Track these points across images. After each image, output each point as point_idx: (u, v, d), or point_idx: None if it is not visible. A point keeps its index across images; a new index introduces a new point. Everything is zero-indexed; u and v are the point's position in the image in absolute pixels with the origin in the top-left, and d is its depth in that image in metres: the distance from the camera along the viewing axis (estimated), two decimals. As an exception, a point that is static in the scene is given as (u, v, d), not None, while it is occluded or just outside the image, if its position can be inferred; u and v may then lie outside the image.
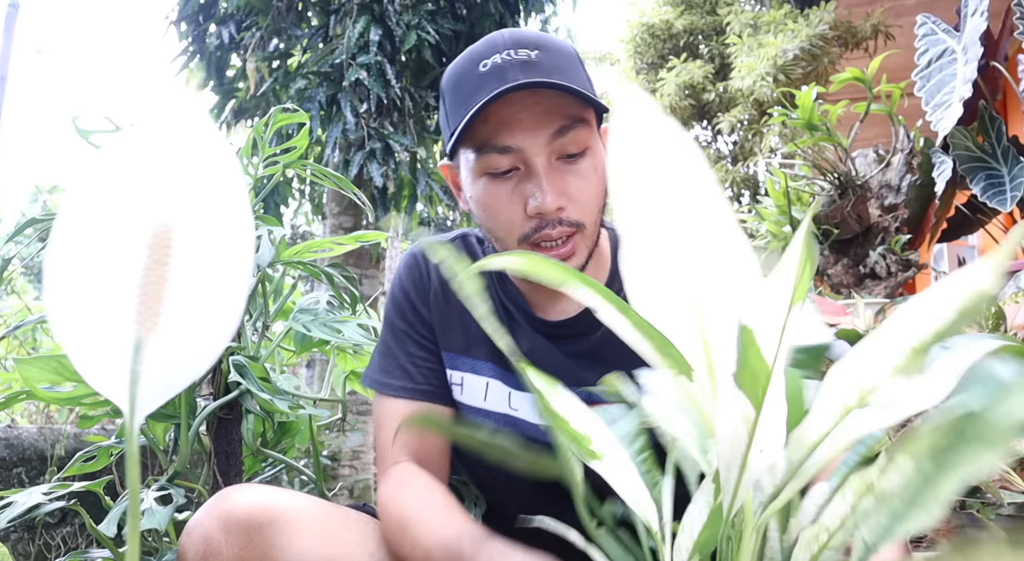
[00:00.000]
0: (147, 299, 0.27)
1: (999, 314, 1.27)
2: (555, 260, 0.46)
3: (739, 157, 4.82)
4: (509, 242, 0.83)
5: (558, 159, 0.80)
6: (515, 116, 0.78)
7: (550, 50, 0.80)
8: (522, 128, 0.78)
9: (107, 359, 0.28)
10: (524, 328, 0.91)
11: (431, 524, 0.75)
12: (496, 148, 0.79)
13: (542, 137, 0.78)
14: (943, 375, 0.38)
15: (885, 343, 0.39)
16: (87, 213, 0.28)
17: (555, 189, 0.78)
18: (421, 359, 0.92)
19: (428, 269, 0.95)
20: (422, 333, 0.93)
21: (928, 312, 0.37)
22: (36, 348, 2.22)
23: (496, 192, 0.81)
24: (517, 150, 0.78)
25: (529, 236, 0.80)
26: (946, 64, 2.27)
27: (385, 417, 0.92)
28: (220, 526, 0.73)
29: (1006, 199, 1.98)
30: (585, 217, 0.81)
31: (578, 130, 0.79)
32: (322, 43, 3.83)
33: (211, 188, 0.29)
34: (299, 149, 1.23)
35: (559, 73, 0.78)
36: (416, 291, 0.95)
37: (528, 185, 0.79)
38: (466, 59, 0.82)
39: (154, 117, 0.28)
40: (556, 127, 0.78)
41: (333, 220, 4.03)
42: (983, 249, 4.63)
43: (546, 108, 0.78)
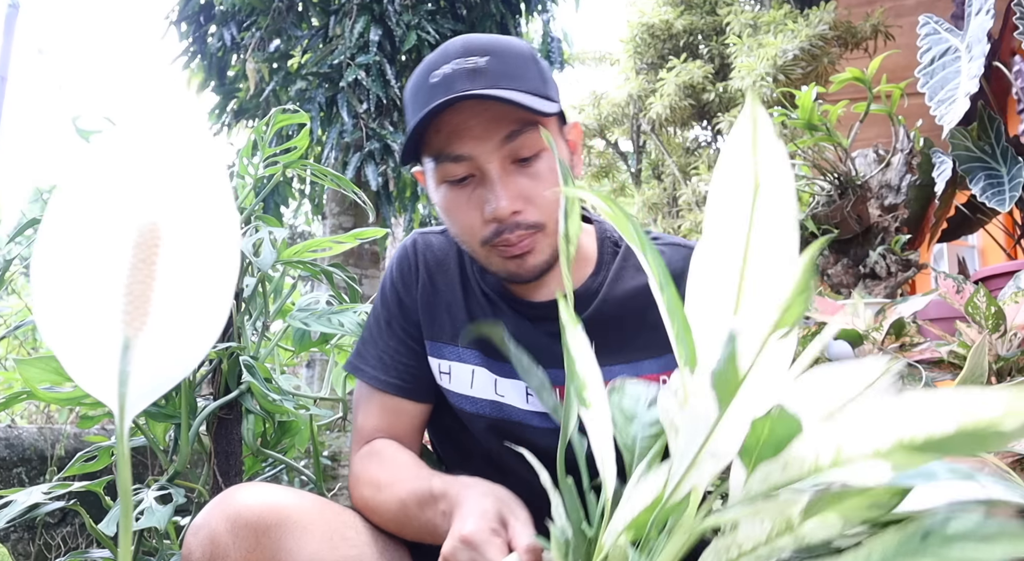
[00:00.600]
0: (134, 298, 0.27)
1: (999, 314, 1.27)
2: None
3: (740, 157, 4.81)
4: (472, 245, 0.86)
5: (512, 163, 0.82)
6: (465, 124, 0.80)
7: (501, 54, 0.82)
8: (472, 136, 0.80)
9: (96, 359, 0.28)
10: (507, 313, 0.93)
11: (403, 479, 0.80)
12: (450, 157, 0.81)
13: (492, 143, 0.80)
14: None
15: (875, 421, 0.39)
16: (73, 213, 0.28)
17: (509, 193, 0.81)
18: (397, 353, 0.95)
19: (417, 260, 0.98)
20: (403, 326, 0.96)
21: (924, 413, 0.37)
22: (36, 348, 2.22)
23: (455, 199, 0.84)
24: (469, 158, 0.81)
25: (490, 239, 0.83)
26: (949, 62, 2.27)
27: (359, 400, 0.96)
28: (228, 528, 0.72)
29: (1005, 199, 1.98)
30: (544, 217, 0.83)
31: (528, 134, 0.81)
32: (322, 43, 3.83)
33: (197, 187, 0.29)
34: (299, 149, 1.23)
35: (508, 78, 0.80)
36: (403, 282, 0.97)
37: (484, 191, 0.82)
38: (421, 69, 0.85)
39: (140, 117, 0.28)
40: (505, 133, 0.80)
41: (333, 220, 4.03)
42: (983, 249, 4.62)
43: (495, 114, 0.80)
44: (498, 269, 0.87)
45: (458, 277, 0.96)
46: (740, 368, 0.37)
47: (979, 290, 1.27)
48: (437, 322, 0.95)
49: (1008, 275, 1.75)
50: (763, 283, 0.42)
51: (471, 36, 0.84)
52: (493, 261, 0.86)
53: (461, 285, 0.96)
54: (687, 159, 5.25)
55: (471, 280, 0.96)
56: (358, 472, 0.88)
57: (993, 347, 1.27)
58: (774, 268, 0.42)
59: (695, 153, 5.30)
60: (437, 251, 0.98)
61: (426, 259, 0.97)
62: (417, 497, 0.77)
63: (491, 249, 0.84)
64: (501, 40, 0.84)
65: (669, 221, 5.19)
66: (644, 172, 6.23)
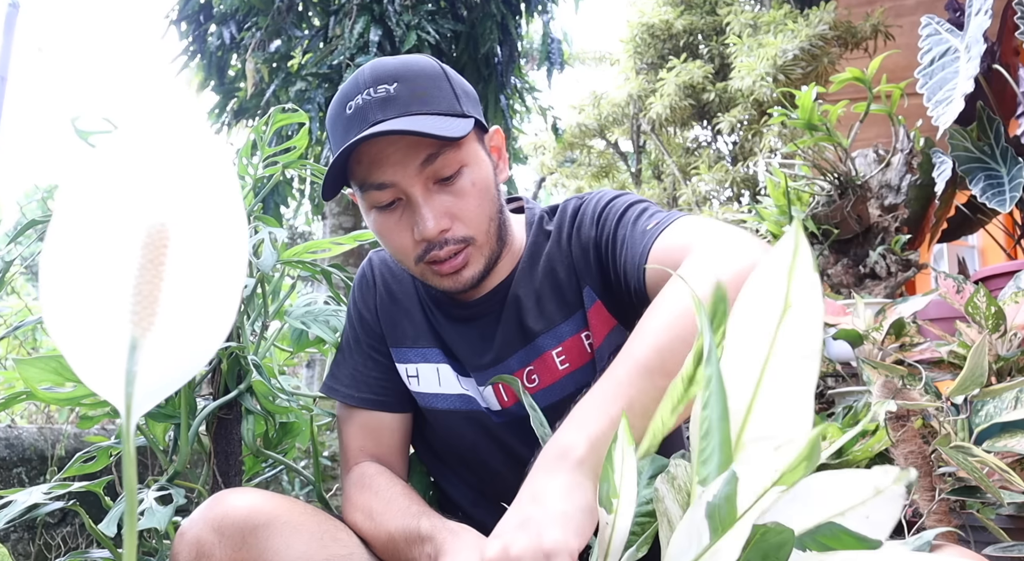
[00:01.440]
0: (142, 299, 0.27)
1: (999, 314, 1.27)
2: None
3: (739, 157, 4.82)
4: (408, 264, 0.89)
5: (434, 183, 0.84)
6: (383, 153, 0.83)
7: (410, 79, 0.84)
8: (391, 163, 0.82)
9: (103, 359, 0.28)
10: (443, 322, 0.97)
11: (393, 513, 0.82)
12: (373, 185, 0.84)
13: (412, 168, 0.82)
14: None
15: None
16: (82, 213, 0.28)
17: (434, 213, 0.83)
18: (366, 367, 0.99)
19: (374, 275, 1.03)
20: (368, 342, 1.01)
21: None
22: (36, 348, 2.22)
23: (385, 223, 0.87)
24: (392, 184, 0.83)
25: (422, 257, 0.86)
26: (949, 62, 2.28)
27: (340, 421, 1.01)
28: (213, 528, 0.73)
29: (1005, 200, 1.98)
30: (472, 230, 0.86)
31: (446, 154, 0.83)
32: (322, 44, 3.83)
33: (205, 187, 0.29)
34: (298, 149, 1.23)
35: (419, 103, 0.82)
36: (363, 299, 1.02)
37: (410, 214, 0.85)
38: (337, 100, 0.87)
39: (149, 117, 0.28)
40: (423, 157, 0.82)
41: (333, 220, 4.03)
42: (983, 249, 4.63)
43: (410, 141, 0.82)
44: (436, 285, 0.90)
45: (411, 285, 1.01)
46: (737, 508, 0.38)
47: (979, 290, 1.27)
48: (399, 328, 0.99)
49: (1008, 275, 1.75)
50: (774, 413, 0.43)
51: (379, 62, 0.86)
52: (429, 278, 0.89)
53: (415, 292, 1.00)
54: (687, 159, 5.26)
55: (419, 290, 1.01)
56: (350, 497, 0.90)
57: (993, 347, 1.27)
58: (788, 398, 0.43)
59: (695, 153, 5.31)
60: (391, 264, 1.03)
61: (382, 273, 1.02)
62: (405, 534, 0.79)
63: (425, 267, 0.87)
64: (409, 62, 0.86)
65: (668, 221, 5.18)
66: (644, 172, 6.23)
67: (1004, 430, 1.06)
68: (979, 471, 0.95)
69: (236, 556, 0.72)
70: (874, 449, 1.33)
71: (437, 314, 0.98)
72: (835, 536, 0.44)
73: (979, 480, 0.95)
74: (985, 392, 1.08)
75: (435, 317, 0.98)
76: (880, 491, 0.43)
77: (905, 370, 1.17)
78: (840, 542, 0.44)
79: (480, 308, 0.95)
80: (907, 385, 1.12)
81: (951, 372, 1.33)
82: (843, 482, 0.44)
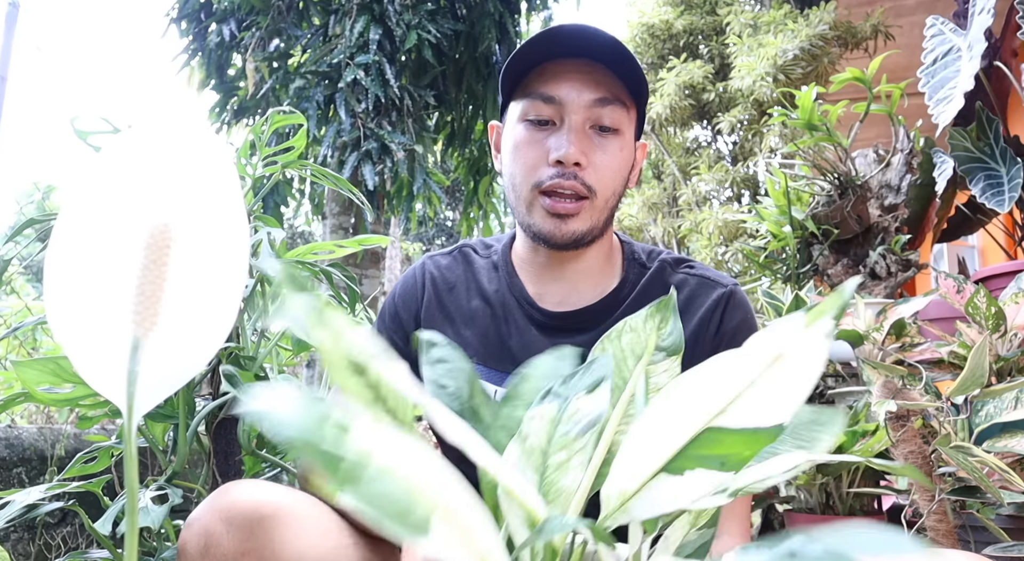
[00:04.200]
0: (145, 299, 0.27)
1: (999, 314, 1.27)
2: None
3: (739, 157, 4.82)
4: (523, 189, 0.89)
5: (591, 127, 0.87)
6: (567, 73, 0.86)
7: (614, 39, 0.87)
8: (569, 85, 0.86)
9: (105, 358, 0.28)
10: (519, 323, 0.94)
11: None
12: (542, 96, 0.87)
13: (584, 99, 0.86)
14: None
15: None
16: (86, 214, 0.28)
17: (580, 147, 0.86)
18: None
19: (425, 279, 1.01)
20: (391, 337, 1.00)
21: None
22: (36, 348, 2.22)
23: (528, 137, 0.88)
24: (559, 102, 0.86)
25: (543, 183, 0.87)
26: (951, 61, 2.28)
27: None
28: (221, 518, 0.73)
29: (1004, 200, 1.99)
30: (599, 187, 0.87)
31: (616, 108, 0.87)
32: (322, 42, 3.83)
33: (208, 189, 0.29)
34: (298, 149, 1.23)
35: (620, 56, 0.86)
36: (403, 300, 1.01)
37: (557, 137, 0.87)
38: (545, 28, 0.91)
39: (152, 119, 0.28)
40: (599, 96, 0.86)
41: (333, 220, 4.03)
42: (983, 249, 4.63)
43: (597, 78, 0.86)
44: (536, 223, 0.89)
45: (465, 289, 0.99)
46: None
47: (979, 290, 1.27)
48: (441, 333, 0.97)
49: (1008, 275, 1.75)
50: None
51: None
52: (535, 213, 0.89)
53: (467, 297, 0.98)
54: (687, 159, 5.26)
55: (484, 287, 0.98)
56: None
57: (993, 347, 1.27)
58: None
59: (695, 153, 5.30)
60: (444, 270, 1.01)
61: (433, 277, 1.01)
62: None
63: (539, 196, 0.88)
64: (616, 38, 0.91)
65: (669, 221, 5.19)
66: (644, 172, 6.23)
67: (1004, 430, 1.06)
68: (979, 471, 0.95)
69: (244, 546, 0.72)
70: (874, 449, 1.33)
71: (514, 309, 0.95)
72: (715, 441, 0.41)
73: (979, 480, 0.95)
74: (985, 392, 1.08)
75: (506, 312, 0.95)
76: (782, 356, 0.40)
77: (905, 370, 1.17)
78: (720, 447, 0.41)
79: (570, 321, 0.93)
80: (907, 385, 1.12)
81: (951, 372, 1.33)
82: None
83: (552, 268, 0.94)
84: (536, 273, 0.95)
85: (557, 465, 0.48)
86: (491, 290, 0.97)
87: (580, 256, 0.92)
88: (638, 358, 0.55)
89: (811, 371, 0.40)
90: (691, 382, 0.43)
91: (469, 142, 4.76)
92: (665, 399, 0.43)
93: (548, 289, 0.94)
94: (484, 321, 0.95)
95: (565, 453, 0.48)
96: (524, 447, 0.49)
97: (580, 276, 0.93)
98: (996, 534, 1.05)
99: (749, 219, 2.86)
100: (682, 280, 0.94)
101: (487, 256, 1.01)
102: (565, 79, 0.86)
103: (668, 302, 0.56)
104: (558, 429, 0.49)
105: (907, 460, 1.08)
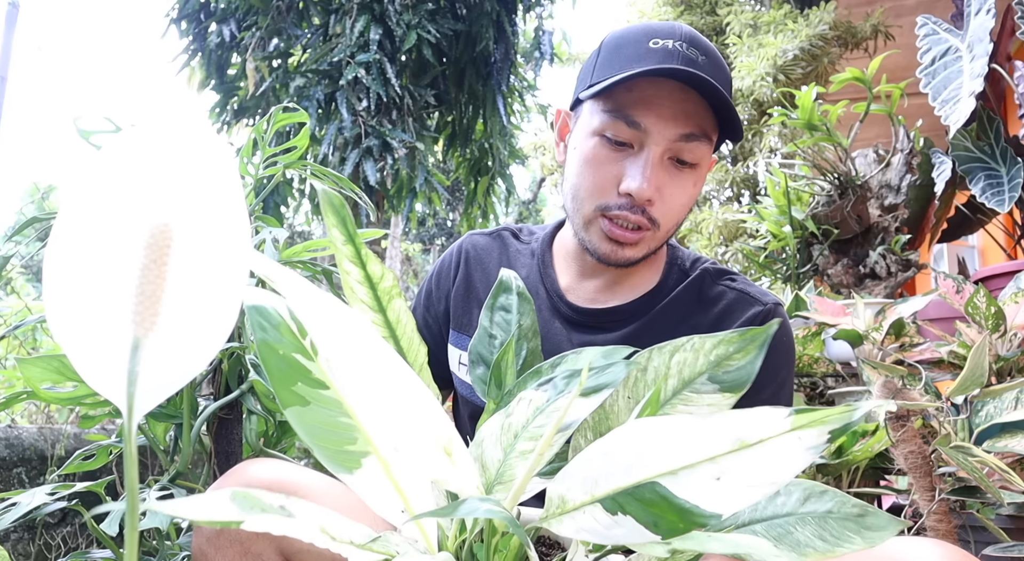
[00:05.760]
0: (145, 299, 0.27)
1: (999, 314, 1.27)
2: None
3: (739, 157, 4.81)
4: (586, 206, 0.86)
5: (670, 159, 0.83)
6: (659, 100, 0.81)
7: (716, 63, 0.84)
8: (659, 114, 0.81)
9: (105, 359, 0.28)
10: (543, 313, 0.94)
11: None
12: (627, 119, 0.81)
13: (670, 132, 0.81)
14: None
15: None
16: (86, 213, 0.28)
17: (655, 182, 0.82)
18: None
19: (461, 257, 1.01)
20: (423, 315, 1.01)
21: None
22: (36, 348, 2.22)
23: (602, 155, 0.84)
24: (643, 130, 0.81)
25: (609, 208, 0.84)
26: (951, 61, 2.28)
27: None
28: None
29: (1004, 200, 1.99)
30: (664, 221, 0.85)
31: (700, 143, 0.83)
32: (322, 42, 3.83)
33: (209, 188, 0.29)
34: (299, 149, 1.23)
35: (719, 92, 0.81)
36: (438, 276, 1.02)
37: (634, 166, 0.82)
38: (640, 30, 0.85)
39: (152, 117, 0.28)
40: (686, 131, 0.82)
41: (333, 220, 4.02)
42: (983, 249, 4.63)
43: (687, 109, 0.81)
44: (593, 242, 0.87)
45: (496, 272, 0.98)
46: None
47: (979, 290, 1.27)
48: (467, 315, 0.97)
49: (1008, 275, 1.75)
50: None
51: (696, 33, 0.85)
52: (593, 232, 0.86)
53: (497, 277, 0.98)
54: (686, 159, 5.24)
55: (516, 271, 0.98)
56: None
57: (993, 347, 1.27)
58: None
59: (694, 153, 5.29)
60: (480, 250, 1.01)
61: (468, 257, 1.00)
62: None
63: (602, 219, 0.85)
64: (716, 52, 0.86)
65: (668, 221, 5.18)
66: (643, 172, 6.21)
67: (1004, 430, 1.06)
68: (979, 471, 0.95)
69: None
70: (874, 449, 1.33)
71: (543, 299, 0.94)
72: (652, 501, 0.38)
73: (979, 480, 0.95)
74: (985, 392, 1.08)
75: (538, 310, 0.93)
76: (746, 445, 0.37)
77: (905, 370, 1.17)
78: (656, 508, 0.38)
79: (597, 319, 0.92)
80: (907, 385, 1.12)
81: (951, 372, 1.33)
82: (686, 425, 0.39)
83: (594, 271, 0.93)
84: (576, 270, 0.94)
85: (521, 452, 0.48)
86: (523, 276, 0.96)
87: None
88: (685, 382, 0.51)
89: (779, 475, 0.37)
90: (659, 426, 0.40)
91: (470, 142, 4.76)
92: (630, 432, 0.41)
93: (582, 286, 0.94)
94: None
95: (531, 444, 0.48)
96: (505, 423, 0.49)
97: (620, 279, 0.92)
98: (996, 534, 1.05)
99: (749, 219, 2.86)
100: (720, 292, 0.91)
101: (527, 242, 1.01)
102: (656, 106, 0.81)
103: (761, 335, 0.50)
104: (537, 419, 0.49)
105: (907, 460, 1.08)
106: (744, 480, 0.37)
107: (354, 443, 0.37)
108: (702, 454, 0.38)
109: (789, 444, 0.36)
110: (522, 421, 0.49)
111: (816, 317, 1.48)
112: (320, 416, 0.37)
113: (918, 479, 1.07)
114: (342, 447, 0.37)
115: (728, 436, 0.37)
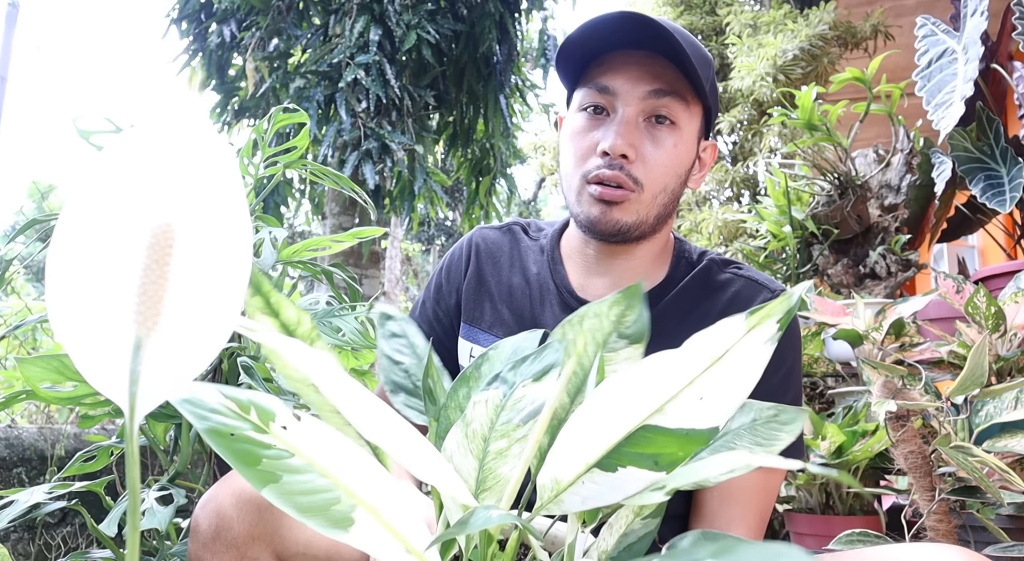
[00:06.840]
0: (147, 299, 0.28)
1: (999, 314, 1.27)
2: None
3: (739, 157, 4.82)
4: (575, 178, 0.88)
5: (646, 120, 0.86)
6: (626, 64, 0.85)
7: (684, 35, 0.86)
8: (626, 76, 0.85)
9: (107, 358, 0.28)
10: (555, 309, 0.95)
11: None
12: (597, 86, 0.86)
13: (639, 90, 0.84)
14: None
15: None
16: (88, 213, 0.28)
17: (628, 139, 0.84)
18: (428, 327, 1.02)
19: (470, 251, 1.02)
20: (433, 307, 1.02)
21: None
22: (36, 348, 2.22)
23: (582, 125, 0.88)
24: (613, 93, 0.85)
25: (591, 172, 0.86)
26: (946, 64, 2.27)
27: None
28: (233, 502, 0.74)
29: (1005, 200, 1.99)
30: (647, 180, 0.86)
31: (674, 100, 0.85)
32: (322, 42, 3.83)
33: (211, 188, 0.29)
34: (299, 149, 1.23)
35: (684, 49, 0.83)
36: (448, 270, 1.03)
37: (607, 128, 0.85)
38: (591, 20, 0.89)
39: (155, 117, 0.28)
40: (654, 88, 0.84)
41: (333, 220, 4.03)
42: (983, 249, 4.63)
43: (655, 70, 0.85)
44: (584, 210, 0.88)
45: (508, 265, 0.99)
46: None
47: (979, 290, 1.27)
48: (478, 309, 0.98)
49: (1008, 275, 1.75)
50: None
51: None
52: (583, 201, 0.88)
53: (509, 272, 0.99)
54: (686, 159, 5.24)
55: (527, 267, 0.99)
56: None
57: (993, 347, 1.27)
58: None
59: (694, 153, 5.29)
60: (491, 244, 1.02)
61: (478, 250, 1.01)
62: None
63: (587, 186, 0.87)
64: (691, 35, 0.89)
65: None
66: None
67: (1004, 430, 1.06)
68: (979, 471, 0.95)
69: (254, 531, 0.73)
70: (874, 449, 1.34)
71: (551, 294, 0.95)
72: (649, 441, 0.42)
73: (979, 480, 0.95)
74: (985, 392, 1.08)
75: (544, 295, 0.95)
76: (716, 359, 0.42)
77: (905, 370, 1.17)
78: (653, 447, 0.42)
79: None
80: (907, 385, 1.12)
81: (951, 372, 1.34)
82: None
83: (600, 262, 0.93)
84: (583, 265, 0.95)
85: (497, 453, 0.49)
86: (533, 272, 0.98)
87: (629, 253, 0.91)
88: (599, 345, 0.54)
89: (749, 375, 0.41)
90: (631, 378, 0.43)
91: (471, 142, 4.76)
92: (605, 393, 0.43)
93: (592, 282, 0.94)
94: (522, 300, 0.96)
95: (505, 441, 0.48)
96: (467, 432, 0.49)
97: (627, 273, 0.93)
98: (996, 534, 1.05)
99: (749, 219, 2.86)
100: (728, 279, 0.92)
101: (536, 238, 1.02)
102: (623, 70, 0.85)
103: (636, 290, 0.54)
104: (501, 416, 0.49)
105: (907, 460, 1.08)
106: (724, 390, 0.41)
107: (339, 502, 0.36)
108: (681, 382, 0.41)
109: (751, 343, 0.41)
110: (486, 423, 0.49)
111: (816, 317, 1.49)
112: (297, 486, 0.36)
113: (918, 479, 1.07)
114: (328, 509, 0.36)
115: (700, 357, 0.41)
